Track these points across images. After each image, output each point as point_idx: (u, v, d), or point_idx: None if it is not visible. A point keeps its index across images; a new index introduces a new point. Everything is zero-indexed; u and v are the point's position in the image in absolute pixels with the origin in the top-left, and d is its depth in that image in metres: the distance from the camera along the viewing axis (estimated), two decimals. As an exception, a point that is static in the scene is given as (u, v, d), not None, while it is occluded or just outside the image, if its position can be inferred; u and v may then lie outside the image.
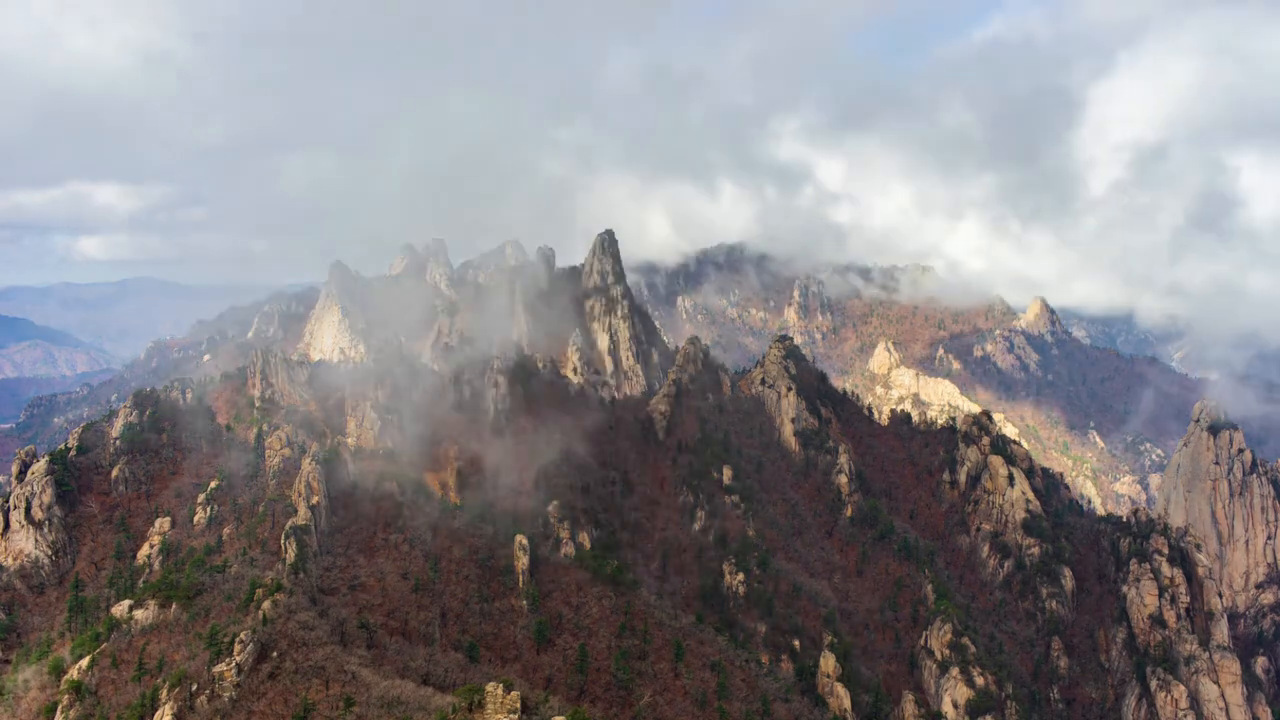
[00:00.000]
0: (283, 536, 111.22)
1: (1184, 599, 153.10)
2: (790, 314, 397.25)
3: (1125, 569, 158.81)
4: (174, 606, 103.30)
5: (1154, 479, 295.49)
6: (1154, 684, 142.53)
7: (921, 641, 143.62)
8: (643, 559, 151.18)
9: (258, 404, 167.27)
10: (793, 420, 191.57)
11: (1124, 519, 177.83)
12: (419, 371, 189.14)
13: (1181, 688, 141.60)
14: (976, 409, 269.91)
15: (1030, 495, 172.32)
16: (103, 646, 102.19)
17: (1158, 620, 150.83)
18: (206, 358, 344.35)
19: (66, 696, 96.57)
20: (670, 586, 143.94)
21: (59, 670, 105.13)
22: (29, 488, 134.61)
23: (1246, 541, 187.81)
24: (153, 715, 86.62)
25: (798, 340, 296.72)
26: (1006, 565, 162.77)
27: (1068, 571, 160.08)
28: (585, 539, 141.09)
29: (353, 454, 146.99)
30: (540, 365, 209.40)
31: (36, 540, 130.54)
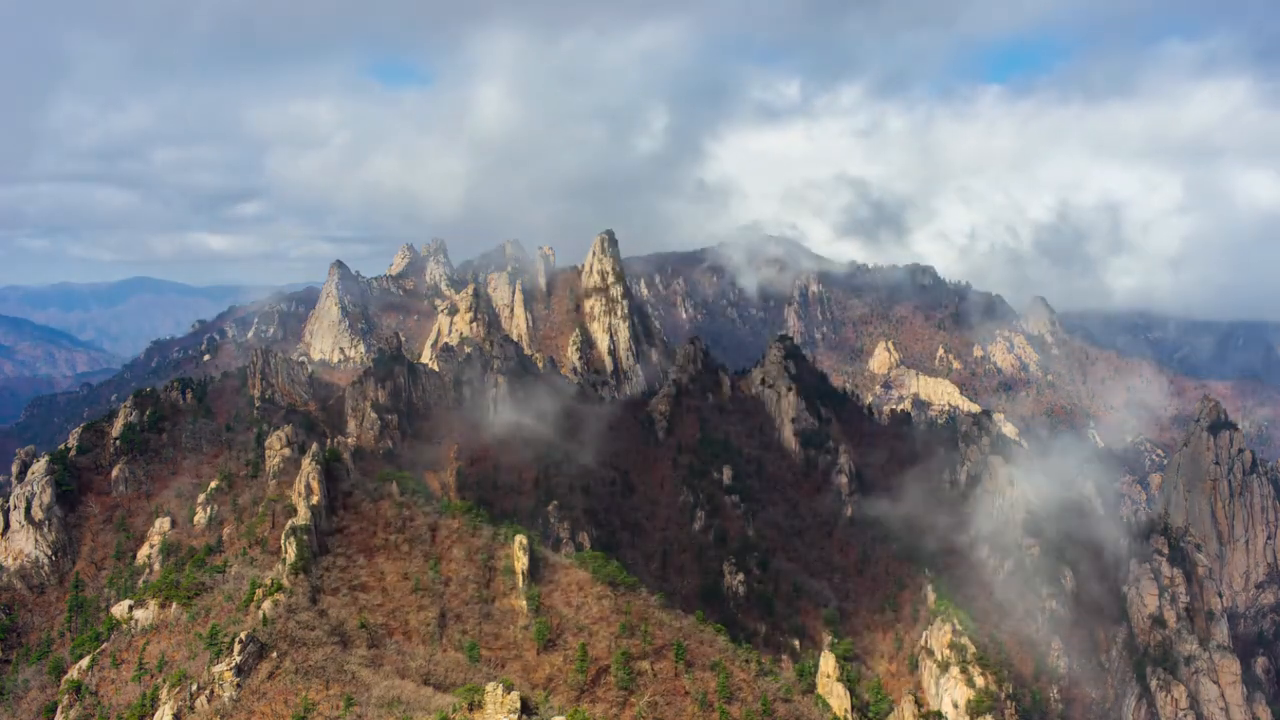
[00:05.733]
0: (283, 536, 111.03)
1: (1184, 599, 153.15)
2: (790, 313, 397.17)
3: (1125, 569, 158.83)
4: (174, 606, 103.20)
5: (1154, 479, 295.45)
6: (1154, 684, 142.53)
7: (921, 641, 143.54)
8: (643, 559, 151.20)
9: (258, 404, 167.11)
10: (793, 420, 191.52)
11: (1124, 519, 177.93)
12: (419, 371, 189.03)
13: (1181, 688, 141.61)
14: (976, 409, 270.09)
15: (1030, 495, 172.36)
16: (103, 646, 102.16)
17: (1158, 620, 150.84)
18: (206, 358, 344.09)
19: (66, 696, 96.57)
20: (670, 586, 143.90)
21: (59, 670, 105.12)
22: (29, 488, 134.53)
23: (1246, 541, 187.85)
24: (153, 715, 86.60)
25: (797, 340, 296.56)
26: (1006, 565, 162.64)
27: (1068, 571, 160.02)
28: (585, 539, 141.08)
29: (353, 454, 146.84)
30: (540, 365, 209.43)
31: (36, 540, 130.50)
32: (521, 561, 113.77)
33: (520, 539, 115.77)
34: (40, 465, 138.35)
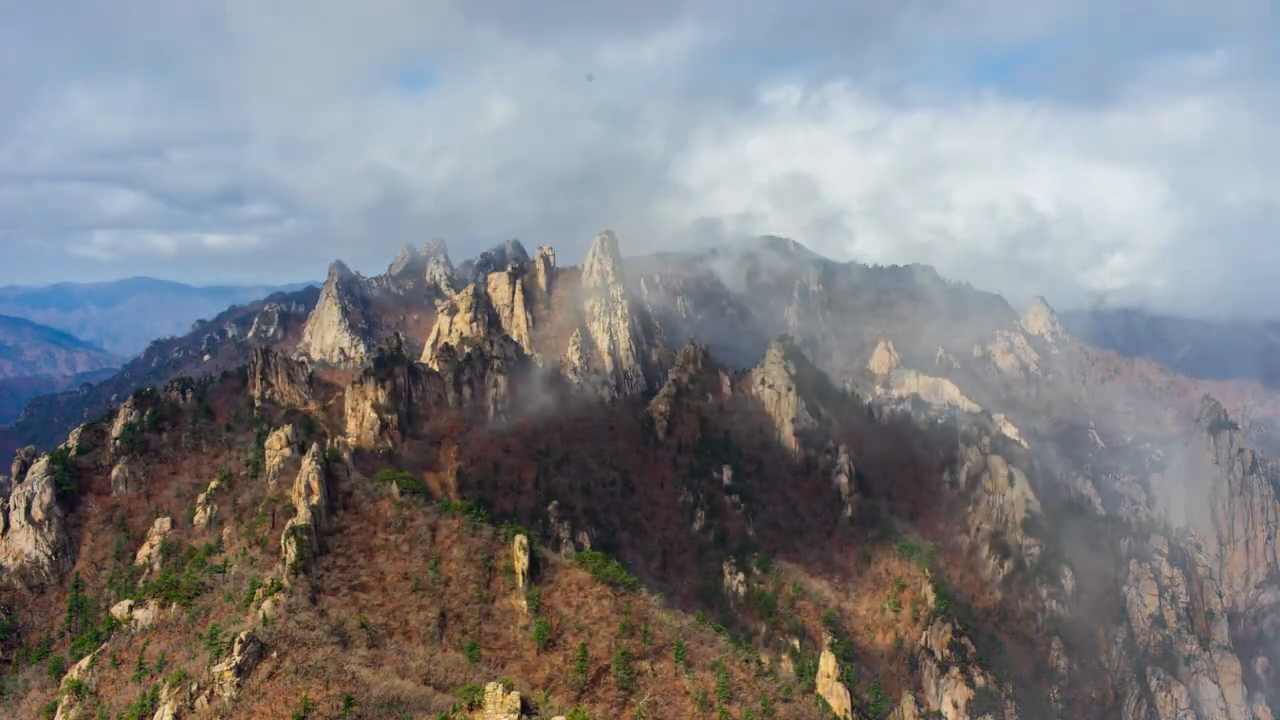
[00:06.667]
0: (283, 536, 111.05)
1: (1184, 599, 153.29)
2: (790, 313, 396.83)
3: (1125, 569, 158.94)
4: (174, 606, 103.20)
5: (1154, 479, 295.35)
6: (1154, 684, 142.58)
7: (921, 641, 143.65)
8: (643, 559, 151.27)
9: (258, 404, 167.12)
10: (793, 420, 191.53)
11: (1124, 519, 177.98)
12: (419, 371, 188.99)
13: (1181, 688, 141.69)
14: (976, 409, 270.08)
15: (1030, 495, 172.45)
16: (103, 646, 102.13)
17: (1158, 620, 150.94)
18: (206, 358, 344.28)
19: (66, 696, 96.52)
20: (670, 586, 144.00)
21: (59, 670, 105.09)
22: (29, 488, 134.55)
23: (1246, 541, 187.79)
24: (153, 715, 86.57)
25: (797, 339, 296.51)
26: (1006, 565, 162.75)
27: (1068, 571, 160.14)
28: (585, 539, 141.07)
29: (353, 454, 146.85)
30: (540, 365, 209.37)
31: (36, 540, 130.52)
32: (521, 561, 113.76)
33: (520, 539, 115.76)
34: (40, 465, 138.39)
